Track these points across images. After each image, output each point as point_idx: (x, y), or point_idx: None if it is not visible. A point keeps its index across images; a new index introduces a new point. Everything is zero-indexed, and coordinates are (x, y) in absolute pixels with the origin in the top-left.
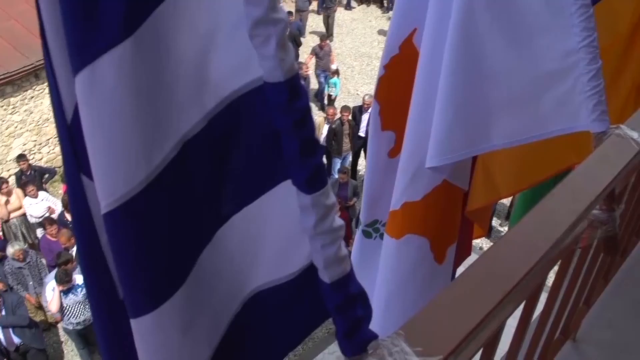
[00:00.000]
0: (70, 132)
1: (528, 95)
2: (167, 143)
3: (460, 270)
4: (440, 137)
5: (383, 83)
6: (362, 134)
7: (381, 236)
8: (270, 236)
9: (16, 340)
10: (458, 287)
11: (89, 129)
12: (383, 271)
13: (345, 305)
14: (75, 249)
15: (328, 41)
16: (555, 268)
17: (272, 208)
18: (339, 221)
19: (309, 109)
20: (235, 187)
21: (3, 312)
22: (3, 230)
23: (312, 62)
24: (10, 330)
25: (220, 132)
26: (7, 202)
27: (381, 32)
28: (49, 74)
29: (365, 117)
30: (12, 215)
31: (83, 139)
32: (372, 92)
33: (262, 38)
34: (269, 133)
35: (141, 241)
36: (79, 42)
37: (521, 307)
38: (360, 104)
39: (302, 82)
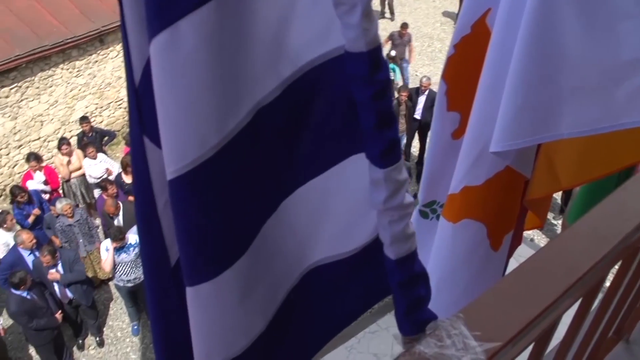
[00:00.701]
0: (137, 95)
1: (603, 84)
2: (242, 109)
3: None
4: (507, 122)
5: (452, 63)
6: (417, 116)
7: (438, 217)
8: (334, 211)
9: (69, 294)
10: (521, 276)
11: (162, 92)
12: (437, 253)
13: (409, 283)
14: (120, 216)
15: (408, 30)
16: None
17: (339, 182)
18: (409, 198)
19: (389, 81)
20: (304, 159)
21: (60, 268)
22: (64, 189)
23: (387, 46)
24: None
25: (293, 102)
26: (68, 162)
27: (445, 14)
28: (123, 36)
29: (421, 100)
30: (72, 175)
31: (150, 102)
32: (431, 73)
33: (348, 6)
34: (343, 105)
35: (207, 208)
36: (160, 4)
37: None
38: (418, 86)
39: None
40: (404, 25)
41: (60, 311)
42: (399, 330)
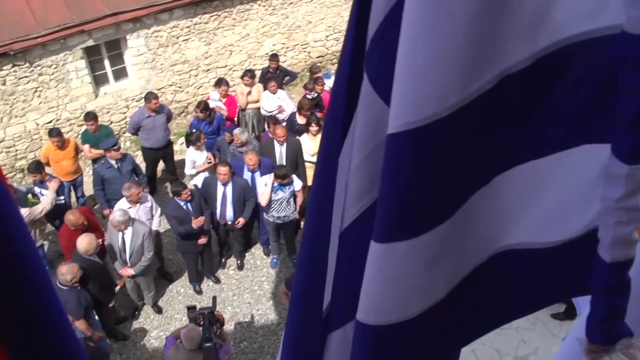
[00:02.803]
0: (362, 43)
1: None
2: (487, 73)
3: None
4: None
5: None
6: None
7: None
8: (548, 198)
9: (228, 217)
10: None
11: (410, 41)
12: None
13: (616, 290)
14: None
15: None
16: None
17: (561, 169)
18: None
19: None
20: (532, 137)
21: (228, 189)
22: (238, 117)
23: None
24: (230, 207)
25: (539, 77)
26: (248, 93)
27: None
28: None
29: None
30: (249, 106)
31: (386, 50)
32: None
33: None
34: (593, 90)
35: (426, 168)
36: None
37: None
38: None
39: None
40: None
41: (206, 237)
42: (586, 336)
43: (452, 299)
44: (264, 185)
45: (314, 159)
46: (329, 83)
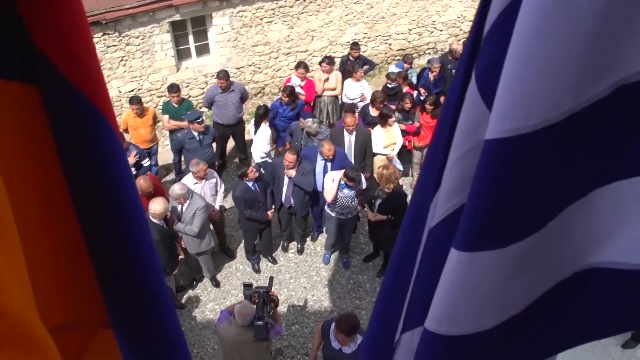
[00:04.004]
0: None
1: None
2: (603, 81)
3: None
4: None
5: None
6: None
7: None
8: None
9: (292, 200)
10: None
11: (526, 46)
12: None
13: None
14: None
15: None
16: None
17: None
18: None
19: None
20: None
21: (293, 171)
22: (314, 103)
23: None
24: (291, 189)
25: None
26: (326, 79)
27: None
28: None
29: None
30: (325, 93)
31: (494, 48)
32: None
33: None
34: None
35: (526, 175)
36: None
37: None
38: None
39: None
40: None
41: (272, 210)
42: None
43: (529, 313)
44: (331, 181)
45: (386, 151)
46: None
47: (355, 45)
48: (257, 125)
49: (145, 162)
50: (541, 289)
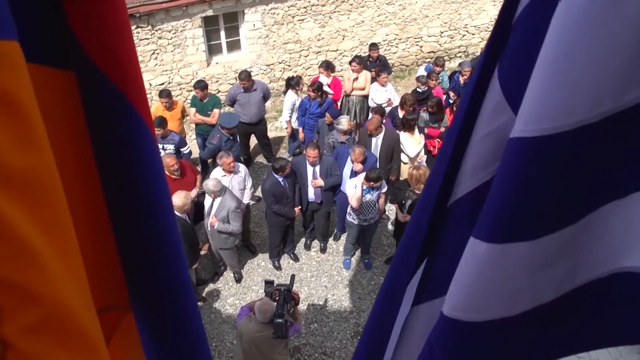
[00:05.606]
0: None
1: None
2: None
3: None
4: None
5: None
6: None
7: None
8: None
9: (319, 199)
10: None
11: (568, 46)
12: None
13: None
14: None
15: None
16: None
17: None
18: None
19: None
20: None
21: (317, 169)
22: (342, 102)
23: None
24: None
25: None
26: (355, 79)
27: None
28: None
29: None
30: (354, 92)
31: (522, 42)
32: None
33: None
34: None
35: (562, 172)
36: None
37: None
38: None
39: None
40: None
41: (300, 207)
42: None
43: (559, 305)
44: (354, 188)
45: (411, 155)
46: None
47: (373, 46)
48: (286, 91)
49: (185, 149)
50: (573, 283)
